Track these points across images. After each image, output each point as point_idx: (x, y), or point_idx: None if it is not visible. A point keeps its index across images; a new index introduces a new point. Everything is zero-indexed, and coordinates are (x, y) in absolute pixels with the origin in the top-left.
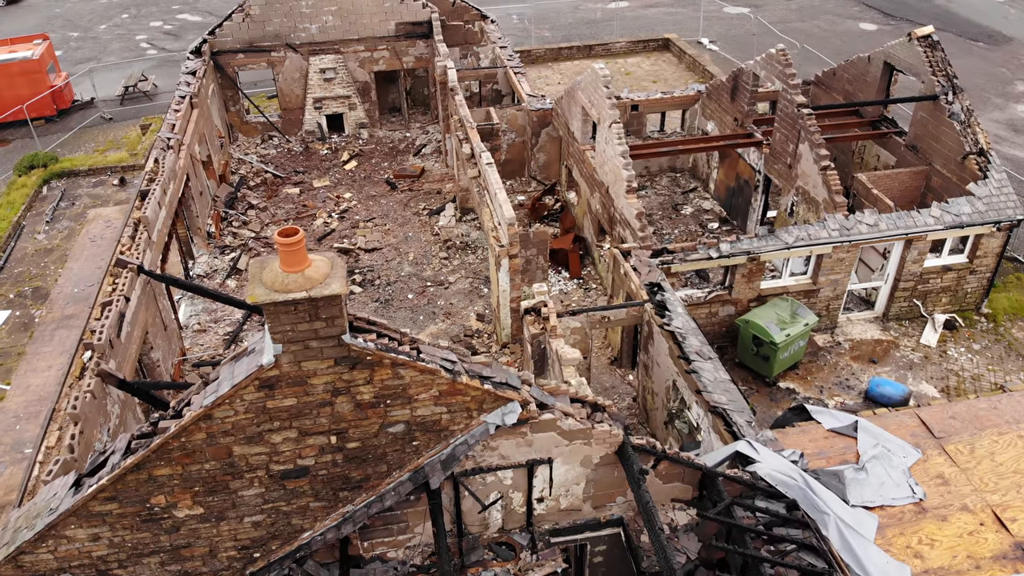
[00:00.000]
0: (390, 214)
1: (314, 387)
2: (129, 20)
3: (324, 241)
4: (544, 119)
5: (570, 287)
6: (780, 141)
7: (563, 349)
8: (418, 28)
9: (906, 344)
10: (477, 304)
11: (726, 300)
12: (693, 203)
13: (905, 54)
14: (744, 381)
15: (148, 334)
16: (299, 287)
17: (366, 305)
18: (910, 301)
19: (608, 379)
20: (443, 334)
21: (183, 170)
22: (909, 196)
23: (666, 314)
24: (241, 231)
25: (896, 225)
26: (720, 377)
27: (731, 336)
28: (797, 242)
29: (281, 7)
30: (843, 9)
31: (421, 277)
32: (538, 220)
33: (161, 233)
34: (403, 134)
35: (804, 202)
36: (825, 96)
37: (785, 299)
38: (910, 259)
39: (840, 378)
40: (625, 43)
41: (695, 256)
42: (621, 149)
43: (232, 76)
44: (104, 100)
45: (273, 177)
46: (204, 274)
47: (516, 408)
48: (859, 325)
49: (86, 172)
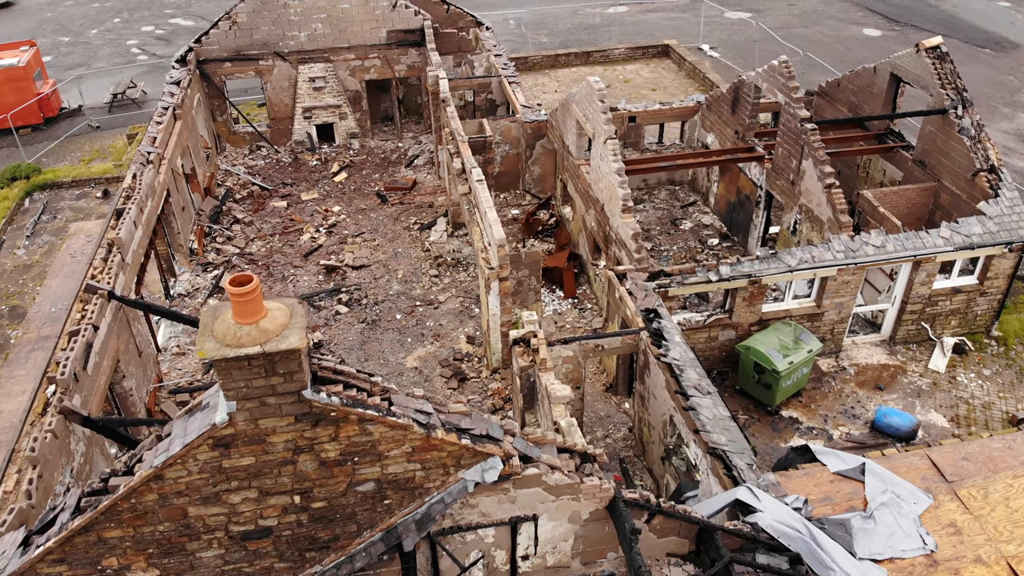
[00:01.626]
0: (380, 229)
1: (274, 445)
2: (121, 24)
3: (311, 258)
4: (539, 131)
5: (564, 307)
6: (783, 156)
7: (553, 385)
8: (410, 36)
9: (914, 369)
10: (468, 325)
11: (726, 324)
12: (692, 217)
13: (913, 66)
14: (745, 409)
15: (120, 362)
16: (253, 341)
17: (352, 326)
18: (918, 324)
19: (603, 407)
20: (432, 357)
21: (163, 186)
22: (917, 213)
23: (663, 344)
24: (225, 247)
25: (904, 246)
26: (720, 414)
27: (731, 361)
28: (801, 265)
29: (269, 15)
30: (846, 14)
31: (410, 296)
32: (532, 236)
33: (136, 254)
34: (395, 144)
35: (807, 220)
36: (829, 108)
37: (788, 323)
38: (918, 281)
39: (845, 406)
40: (624, 50)
41: (694, 279)
42: (616, 166)
43: (219, 85)
44: (92, 108)
45: (260, 190)
46: (185, 292)
47: (497, 464)
48: (865, 349)
49: (69, 184)
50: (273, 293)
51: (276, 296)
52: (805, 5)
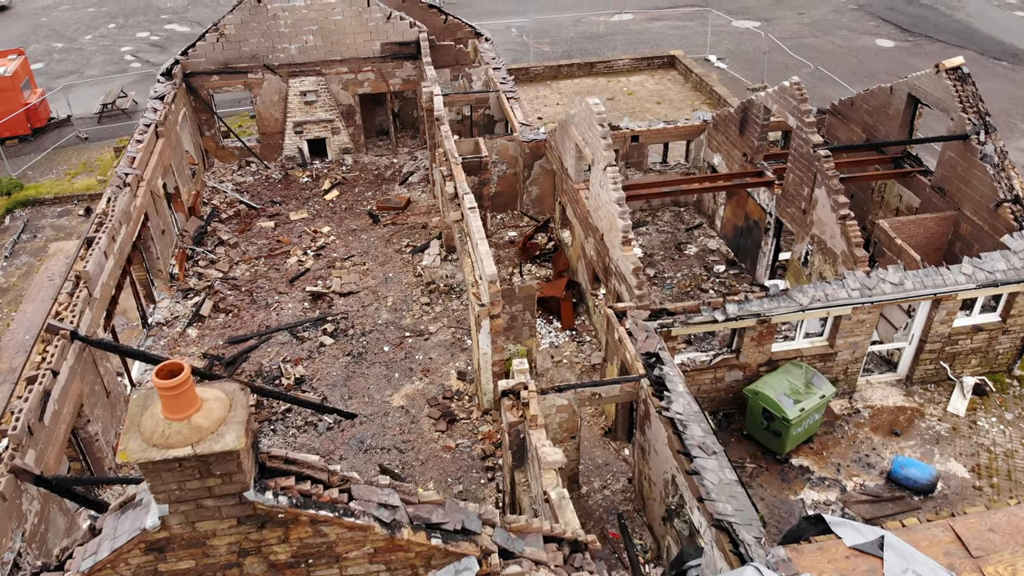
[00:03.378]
0: (370, 251)
1: (216, 548)
2: (115, 30)
3: (297, 283)
4: (537, 151)
5: (562, 340)
6: (794, 183)
7: (544, 449)
8: (405, 48)
9: (932, 412)
10: (459, 359)
11: (733, 365)
12: (698, 242)
13: (932, 87)
14: (752, 456)
15: (84, 406)
16: (183, 441)
17: (336, 360)
18: (936, 363)
19: (601, 454)
20: (419, 395)
21: (140, 210)
22: (935, 244)
23: (665, 395)
24: (208, 271)
25: (923, 284)
26: (726, 478)
27: (738, 403)
28: (813, 304)
29: (258, 26)
30: (858, 24)
31: (400, 326)
32: (529, 260)
33: (107, 286)
34: (390, 160)
35: (820, 252)
36: (842, 127)
37: (799, 365)
38: (938, 320)
39: (859, 454)
40: (628, 60)
41: (698, 319)
42: (616, 195)
43: (206, 99)
44: (81, 118)
45: (248, 209)
46: (164, 321)
47: (472, 565)
48: (880, 389)
49: (51, 201)
50: (256, 322)
51: (260, 321)
52: (815, 14)
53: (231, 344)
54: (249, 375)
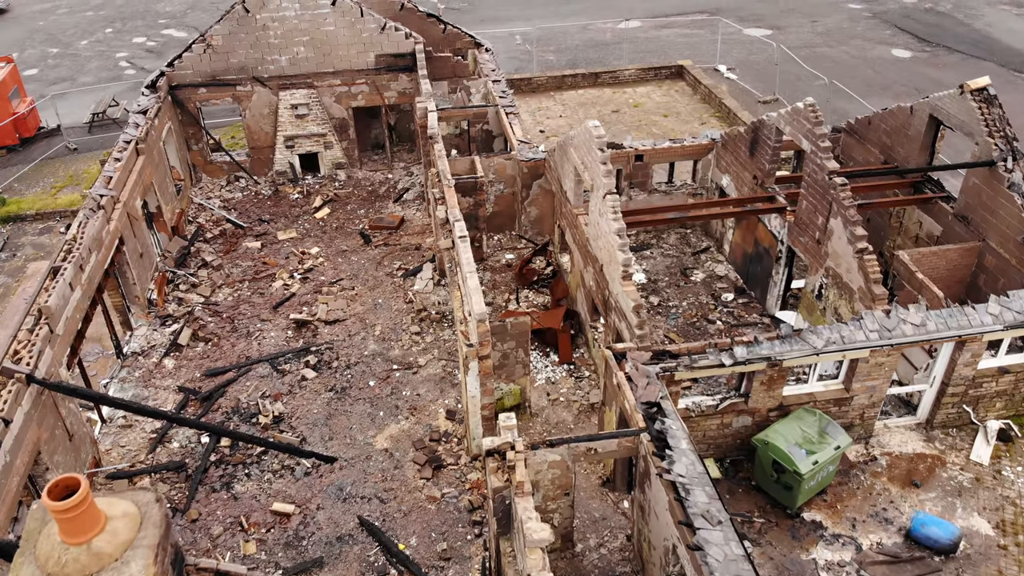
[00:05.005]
0: (360, 274)
1: None
2: (112, 35)
3: (281, 309)
4: (536, 170)
5: (559, 374)
6: (807, 211)
7: (529, 525)
8: (401, 60)
9: (954, 461)
10: (449, 395)
11: (742, 410)
12: (705, 266)
13: (955, 109)
14: (761, 510)
15: (42, 453)
16: (81, 570)
17: (318, 395)
18: (959, 407)
19: (598, 506)
20: (404, 436)
21: (114, 234)
22: (958, 276)
23: (667, 455)
24: (189, 295)
25: (947, 325)
26: (732, 553)
27: (747, 449)
28: (828, 347)
29: (247, 37)
30: (873, 33)
31: (387, 358)
32: (526, 286)
33: (72, 320)
34: (385, 175)
35: (835, 286)
36: (859, 148)
37: (812, 412)
38: (962, 362)
39: (876, 507)
40: (635, 70)
41: (704, 362)
42: (617, 226)
43: (193, 112)
44: (72, 127)
45: (234, 228)
46: (140, 350)
47: None
48: (899, 434)
49: (33, 217)
50: (236, 352)
51: (241, 351)
52: (829, 22)
53: (208, 377)
54: (226, 412)
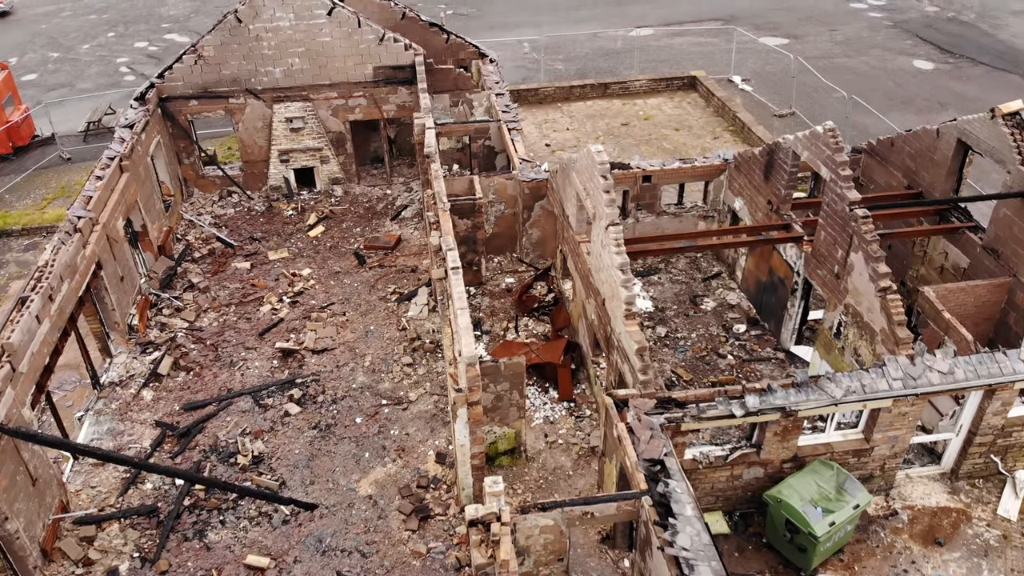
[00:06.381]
0: (352, 298)
1: None
2: (114, 39)
3: (267, 337)
4: (538, 191)
5: (558, 413)
6: (826, 243)
7: None
8: (400, 73)
9: (980, 516)
10: (440, 435)
11: (753, 461)
12: (715, 294)
13: (986, 134)
14: (773, 570)
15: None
16: None
17: (302, 433)
18: (986, 457)
19: (596, 565)
20: (391, 482)
21: (90, 260)
22: (986, 313)
23: (670, 524)
24: (172, 320)
25: (977, 373)
26: None
27: (757, 502)
28: (848, 396)
29: (239, 48)
30: (894, 43)
31: (376, 391)
32: (526, 313)
33: (39, 355)
34: (383, 191)
35: (855, 325)
36: (880, 170)
37: (829, 465)
38: (991, 410)
39: (897, 569)
40: (645, 81)
41: (713, 412)
42: (620, 260)
43: (184, 125)
44: (67, 136)
45: (224, 246)
46: (119, 380)
47: None
48: (921, 485)
49: (19, 232)
50: (218, 383)
51: (223, 383)
52: (848, 31)
53: (187, 411)
54: (203, 450)
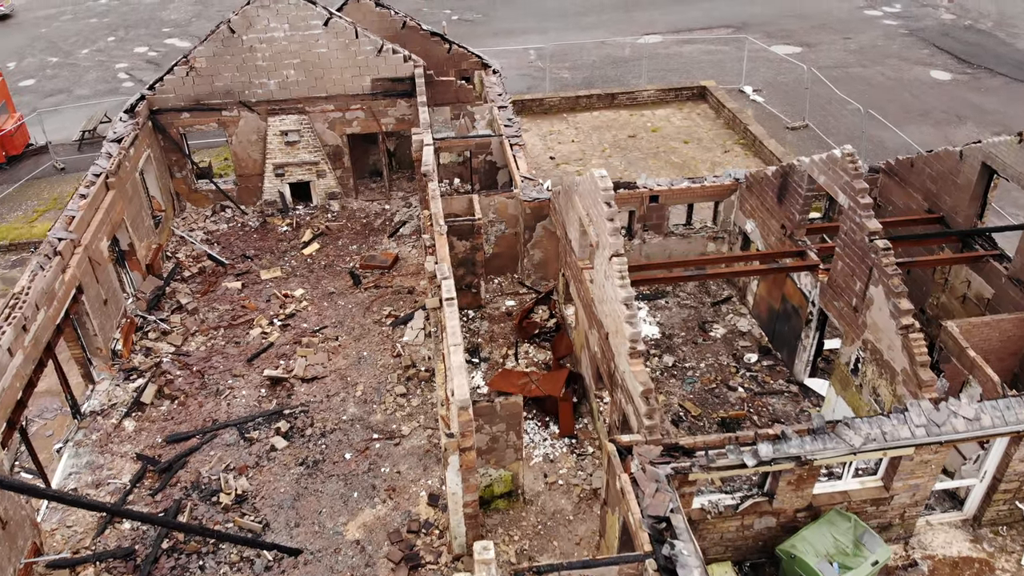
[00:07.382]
0: (346, 321)
1: None
2: (114, 44)
3: (256, 363)
4: (540, 211)
5: (559, 451)
6: (843, 273)
7: None
8: (399, 85)
9: (1004, 566)
10: (433, 474)
11: (765, 511)
12: (726, 320)
13: (1012, 158)
14: None
15: None
16: None
17: (288, 469)
18: (1011, 503)
19: None
20: (379, 525)
21: (70, 285)
22: (1012, 348)
23: None
24: (158, 344)
25: (1004, 419)
26: None
27: (769, 553)
28: (867, 444)
29: (232, 60)
30: (910, 52)
31: (367, 424)
32: (526, 340)
33: (10, 391)
34: (382, 205)
35: (874, 363)
36: (899, 192)
37: (846, 516)
38: (1017, 457)
39: None
40: (654, 91)
41: (724, 461)
42: (624, 294)
43: (176, 139)
44: (62, 144)
45: (215, 265)
46: (100, 408)
47: None
48: (943, 533)
49: (6, 248)
50: (203, 413)
51: (208, 413)
52: (863, 39)
53: (170, 443)
54: (185, 487)
